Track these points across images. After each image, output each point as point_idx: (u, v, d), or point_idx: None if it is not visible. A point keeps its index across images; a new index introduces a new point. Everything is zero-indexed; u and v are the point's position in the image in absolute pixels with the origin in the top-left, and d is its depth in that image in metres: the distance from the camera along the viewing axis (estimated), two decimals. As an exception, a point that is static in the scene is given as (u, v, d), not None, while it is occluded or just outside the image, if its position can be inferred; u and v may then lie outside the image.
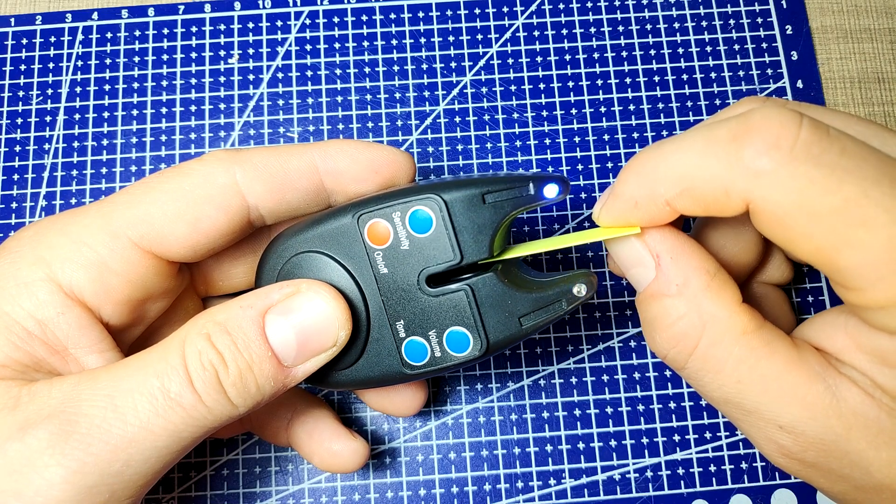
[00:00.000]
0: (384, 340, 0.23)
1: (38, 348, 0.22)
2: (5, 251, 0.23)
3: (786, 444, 0.20)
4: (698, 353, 0.20)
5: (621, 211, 0.21)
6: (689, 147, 0.19)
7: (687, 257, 0.21)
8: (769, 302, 0.27)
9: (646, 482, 0.31)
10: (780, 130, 0.18)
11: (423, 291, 0.23)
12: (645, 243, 0.21)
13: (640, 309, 0.22)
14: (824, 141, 0.18)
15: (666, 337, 0.21)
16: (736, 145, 0.18)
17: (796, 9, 0.36)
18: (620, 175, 0.21)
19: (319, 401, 0.29)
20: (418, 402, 0.28)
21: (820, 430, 0.19)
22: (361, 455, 0.28)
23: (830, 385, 0.19)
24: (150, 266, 0.23)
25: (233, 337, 0.21)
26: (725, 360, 0.20)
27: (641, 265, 0.21)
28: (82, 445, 0.19)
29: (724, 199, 0.19)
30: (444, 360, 0.23)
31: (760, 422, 0.20)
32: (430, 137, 0.34)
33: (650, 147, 0.21)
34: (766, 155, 0.18)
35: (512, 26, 0.36)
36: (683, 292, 0.20)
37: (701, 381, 0.21)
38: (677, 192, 0.20)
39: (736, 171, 0.18)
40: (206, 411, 0.20)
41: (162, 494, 0.31)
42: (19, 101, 0.35)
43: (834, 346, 0.20)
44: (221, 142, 0.35)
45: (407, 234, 0.22)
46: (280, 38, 0.36)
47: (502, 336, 0.23)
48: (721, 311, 0.20)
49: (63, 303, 0.22)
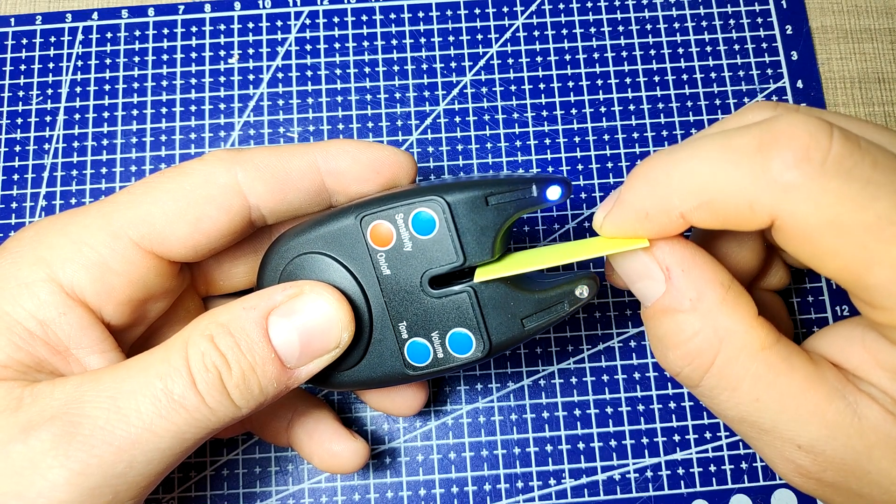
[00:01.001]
0: (386, 342, 0.23)
1: (40, 349, 0.22)
2: (6, 251, 0.23)
3: (804, 463, 0.19)
4: (714, 370, 0.19)
5: (629, 222, 0.20)
6: (708, 156, 0.18)
7: (700, 270, 0.20)
8: (768, 308, 0.27)
9: (646, 482, 0.31)
10: (809, 142, 0.17)
11: (426, 293, 0.23)
12: (654, 256, 0.20)
13: (650, 325, 0.21)
14: (856, 154, 0.17)
15: (680, 354, 0.20)
16: (762, 156, 0.17)
17: (796, 9, 0.36)
18: (628, 182, 0.20)
19: (320, 401, 0.29)
20: (419, 402, 0.28)
21: (840, 450, 0.18)
22: (361, 456, 0.27)
23: (850, 403, 0.18)
24: (151, 266, 0.23)
25: (236, 338, 0.21)
26: (743, 378, 0.19)
27: (649, 278, 0.20)
28: (85, 447, 0.19)
29: (748, 214, 0.18)
30: (447, 362, 0.23)
31: (778, 441, 0.19)
32: (430, 137, 0.34)
33: (661, 153, 0.19)
34: (797, 168, 0.17)
35: (512, 26, 0.36)
36: (698, 307, 0.19)
37: (716, 400, 0.20)
38: (695, 204, 0.18)
39: (762, 185, 0.17)
40: (209, 413, 0.20)
41: (162, 494, 0.31)
42: (19, 101, 0.35)
43: (850, 361, 0.19)
44: (221, 142, 0.35)
45: (410, 236, 0.23)
46: (280, 38, 0.36)
47: (505, 337, 0.23)
48: (738, 327, 0.19)
49: (64, 303, 0.22)
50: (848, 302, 0.32)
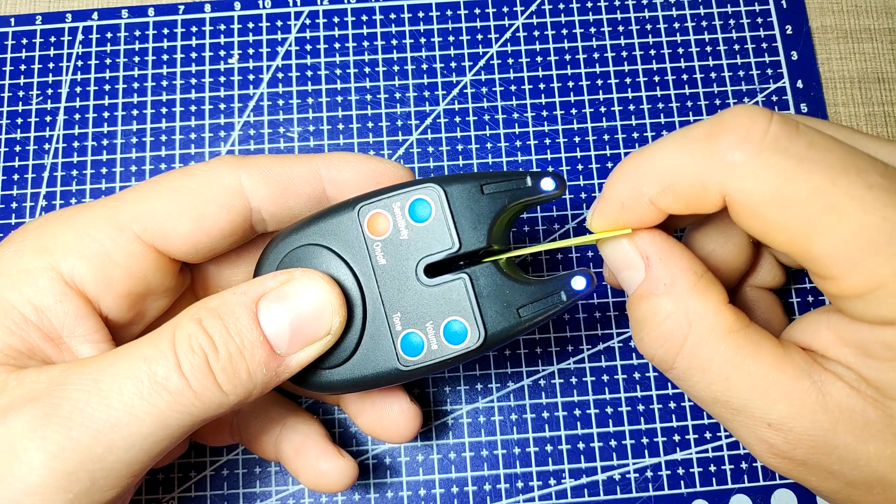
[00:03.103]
0: (379, 335, 0.23)
1: (33, 334, 0.22)
2: (10, 241, 0.23)
3: (776, 442, 0.20)
4: (685, 351, 0.21)
5: (610, 212, 0.22)
6: (669, 147, 0.20)
7: (676, 259, 0.21)
8: (762, 306, 0.27)
9: (646, 482, 0.31)
10: (749, 125, 0.19)
11: (421, 281, 0.23)
12: (635, 245, 0.22)
13: (630, 311, 0.22)
14: (793, 134, 0.18)
15: (654, 336, 0.21)
16: (710, 141, 0.19)
17: (796, 9, 0.36)
18: (608, 179, 0.22)
19: (310, 416, 0.29)
20: (412, 427, 0.27)
21: (808, 426, 0.19)
22: (349, 476, 0.27)
23: (816, 381, 0.19)
24: (153, 261, 0.23)
25: (224, 322, 0.21)
26: (712, 359, 0.20)
27: (632, 267, 0.22)
28: (63, 429, 0.19)
29: (703, 193, 0.20)
30: (441, 353, 0.22)
31: (749, 420, 0.20)
32: (430, 137, 0.34)
33: (635, 152, 0.21)
34: (738, 148, 0.19)
35: (512, 26, 0.36)
36: (671, 291, 0.21)
37: (689, 381, 0.21)
38: (659, 189, 0.20)
39: (711, 165, 0.19)
40: (193, 397, 0.20)
41: (162, 494, 0.31)
42: (19, 101, 0.35)
43: (819, 343, 0.20)
44: (221, 142, 0.35)
45: (406, 224, 0.23)
46: (280, 38, 0.36)
47: (500, 326, 0.22)
48: (707, 310, 0.21)
49: (62, 291, 0.22)
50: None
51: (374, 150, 0.34)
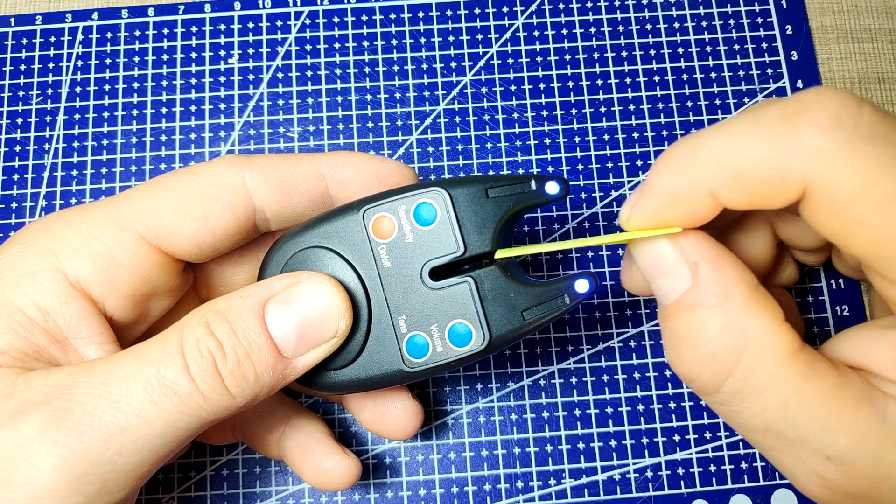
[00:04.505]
0: (385, 337, 0.23)
1: (39, 336, 0.22)
2: (14, 242, 0.23)
3: (833, 476, 0.18)
4: (739, 374, 0.18)
5: (658, 206, 0.19)
6: (735, 130, 0.18)
7: (728, 267, 0.19)
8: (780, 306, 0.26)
9: (646, 482, 0.31)
10: (840, 108, 0.16)
11: (426, 284, 0.23)
12: (679, 248, 0.19)
13: (668, 323, 0.20)
14: (888, 122, 0.16)
15: (699, 355, 0.19)
16: (791, 124, 0.17)
17: (796, 9, 0.36)
18: (654, 168, 0.19)
19: (313, 415, 0.29)
20: (414, 424, 0.27)
21: (871, 461, 0.17)
22: (353, 474, 0.27)
23: (878, 409, 0.17)
24: (157, 261, 0.23)
25: (232, 325, 0.21)
26: (768, 383, 0.18)
27: (673, 274, 0.19)
28: (74, 433, 0.19)
29: (779, 184, 0.17)
30: (446, 356, 0.23)
31: (804, 453, 0.18)
32: (430, 137, 0.34)
33: (685, 138, 0.19)
34: (828, 133, 0.16)
35: (512, 26, 0.36)
36: (724, 304, 0.18)
37: (737, 407, 0.19)
38: (725, 179, 0.18)
39: (792, 151, 0.16)
40: (202, 400, 0.20)
41: (162, 494, 0.31)
42: (19, 101, 0.35)
43: (875, 363, 0.18)
44: (221, 142, 0.35)
45: (411, 227, 0.23)
46: (280, 38, 0.36)
47: (505, 329, 0.23)
48: (764, 328, 0.18)
49: (67, 292, 0.22)
50: (848, 302, 0.32)
51: (374, 149, 0.34)
